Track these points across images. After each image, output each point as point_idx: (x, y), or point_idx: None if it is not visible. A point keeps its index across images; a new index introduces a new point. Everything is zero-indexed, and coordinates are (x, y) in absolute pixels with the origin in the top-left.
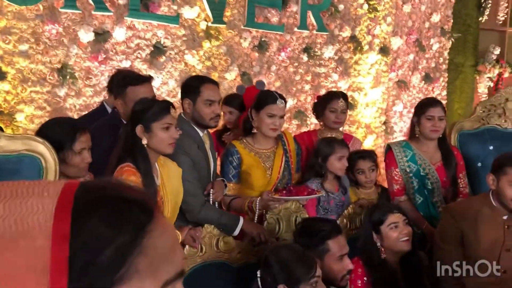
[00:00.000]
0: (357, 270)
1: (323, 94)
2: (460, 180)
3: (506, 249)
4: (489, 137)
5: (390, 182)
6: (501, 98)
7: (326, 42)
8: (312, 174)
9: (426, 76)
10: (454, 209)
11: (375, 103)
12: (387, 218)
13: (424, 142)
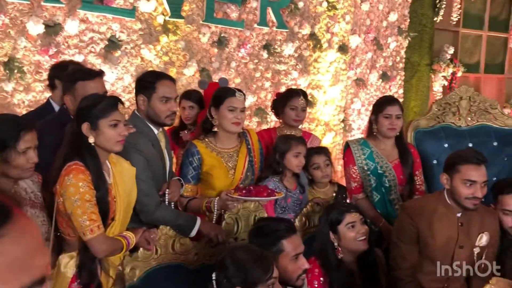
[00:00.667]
0: (313, 270)
1: (283, 92)
2: (417, 177)
3: (460, 246)
4: (444, 135)
5: (348, 180)
6: (456, 97)
7: (286, 39)
8: (270, 172)
9: (383, 75)
10: (410, 207)
11: (334, 101)
12: (344, 218)
13: (382, 140)
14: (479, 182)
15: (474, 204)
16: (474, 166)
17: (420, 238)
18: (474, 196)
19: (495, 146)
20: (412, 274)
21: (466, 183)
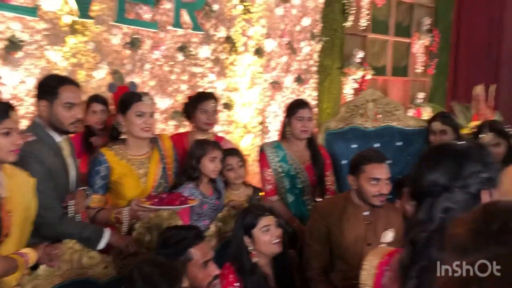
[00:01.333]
0: (228, 276)
1: (193, 95)
2: (327, 178)
3: (368, 243)
4: (353, 136)
5: (263, 182)
6: (362, 100)
7: (201, 42)
8: (185, 178)
9: (298, 78)
10: (321, 208)
11: (251, 103)
12: (259, 222)
13: (295, 142)
14: (383, 179)
15: (381, 200)
16: (377, 165)
17: (331, 238)
18: (380, 193)
19: (399, 145)
20: (324, 274)
21: (372, 181)
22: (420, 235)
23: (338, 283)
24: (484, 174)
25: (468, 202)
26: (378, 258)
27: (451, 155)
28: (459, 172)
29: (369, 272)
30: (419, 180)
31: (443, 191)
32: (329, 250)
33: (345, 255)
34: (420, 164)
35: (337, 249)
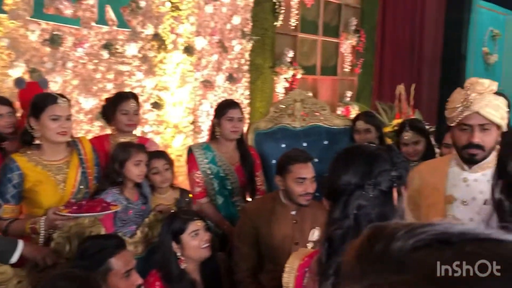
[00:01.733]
0: (154, 284)
1: (112, 96)
2: (257, 178)
3: (295, 242)
4: (281, 136)
5: (192, 185)
6: (290, 100)
7: (128, 39)
8: (109, 183)
9: (229, 76)
10: (249, 209)
11: (182, 102)
12: (187, 227)
13: (224, 143)
14: (309, 178)
15: (307, 199)
16: (303, 164)
17: (260, 239)
18: (306, 192)
19: (325, 144)
20: (253, 275)
21: (298, 181)
22: (335, 232)
23: (267, 284)
24: (393, 173)
25: (380, 199)
26: (299, 260)
27: (362, 156)
28: (370, 171)
29: (290, 274)
30: (333, 180)
31: (356, 189)
32: (258, 251)
33: (274, 255)
34: (334, 165)
35: (266, 250)
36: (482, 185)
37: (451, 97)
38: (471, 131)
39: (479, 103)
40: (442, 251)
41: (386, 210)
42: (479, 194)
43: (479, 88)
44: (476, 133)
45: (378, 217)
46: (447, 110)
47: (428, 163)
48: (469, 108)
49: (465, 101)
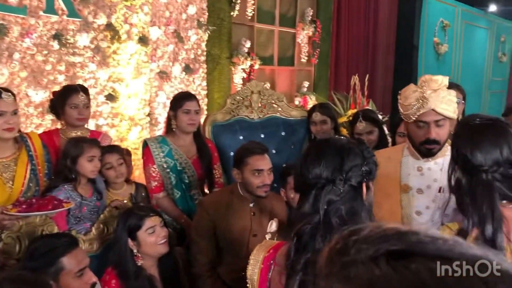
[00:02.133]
0: (110, 282)
1: (59, 90)
2: (215, 171)
3: (253, 234)
4: (239, 128)
5: (148, 179)
6: (247, 91)
7: (79, 29)
8: (61, 180)
9: (186, 67)
10: (206, 203)
11: (137, 94)
12: (144, 223)
13: (181, 136)
14: (266, 169)
15: (265, 191)
16: (259, 156)
17: (218, 232)
18: (264, 183)
19: (283, 135)
20: (212, 269)
21: (255, 173)
22: (305, 227)
23: (225, 277)
24: (363, 168)
25: (350, 194)
26: (263, 252)
27: (334, 150)
28: (341, 165)
29: (254, 267)
30: (304, 173)
31: (327, 184)
32: (216, 244)
33: (232, 248)
34: (305, 158)
35: (224, 243)
36: (436, 173)
37: (404, 93)
38: (427, 127)
39: (434, 100)
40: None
41: (356, 205)
42: (434, 182)
43: (434, 85)
44: (432, 129)
45: (347, 213)
46: (401, 106)
47: (382, 152)
48: (425, 105)
49: (421, 99)
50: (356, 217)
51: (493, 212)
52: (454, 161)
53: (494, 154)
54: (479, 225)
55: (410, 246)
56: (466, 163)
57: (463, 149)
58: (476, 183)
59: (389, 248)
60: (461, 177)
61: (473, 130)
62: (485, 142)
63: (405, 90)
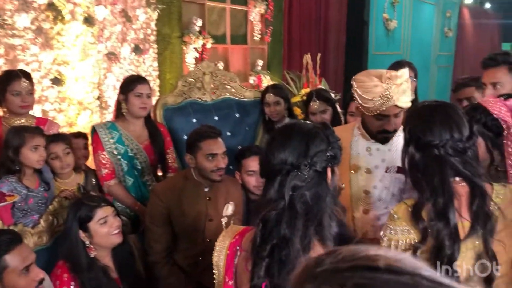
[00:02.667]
0: (62, 276)
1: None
2: (168, 155)
3: (209, 219)
4: (192, 110)
5: (98, 166)
6: (199, 73)
7: (18, 9)
8: (4, 172)
9: (136, 48)
10: (159, 189)
11: (85, 77)
12: (95, 214)
13: (131, 121)
14: (220, 153)
15: (219, 175)
16: (212, 140)
17: (172, 218)
18: (218, 167)
19: (237, 117)
20: (168, 255)
21: (209, 157)
22: (270, 213)
23: (182, 262)
24: (328, 153)
25: (314, 179)
26: (229, 238)
27: (299, 135)
28: (306, 151)
29: (220, 253)
30: (269, 159)
31: (292, 169)
32: (172, 231)
33: (188, 234)
34: (271, 144)
35: (180, 229)
36: (384, 154)
37: (363, 85)
38: (387, 120)
39: (397, 96)
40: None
41: (320, 190)
42: (381, 163)
43: (398, 81)
44: (392, 121)
45: (312, 198)
46: (360, 97)
47: None
48: (388, 102)
49: (385, 96)
50: (321, 202)
51: (444, 186)
52: (407, 142)
53: (444, 132)
54: (430, 198)
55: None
56: (418, 141)
57: (415, 129)
58: (428, 158)
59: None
60: (414, 154)
61: (424, 112)
62: (436, 121)
63: (364, 81)
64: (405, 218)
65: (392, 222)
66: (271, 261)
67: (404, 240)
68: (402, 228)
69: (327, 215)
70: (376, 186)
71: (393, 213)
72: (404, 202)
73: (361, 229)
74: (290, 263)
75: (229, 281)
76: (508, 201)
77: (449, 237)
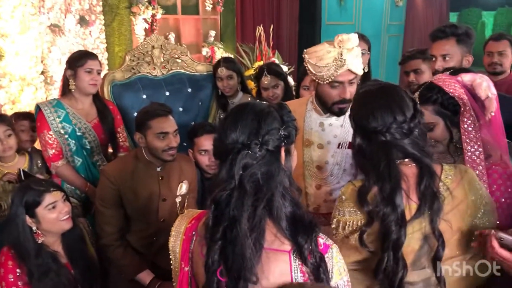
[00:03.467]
0: (6, 263)
1: None
2: (119, 134)
3: (163, 199)
4: (141, 86)
5: (44, 146)
6: (148, 46)
7: None
8: None
9: (81, 19)
10: (109, 171)
11: (27, 51)
12: (44, 199)
13: (80, 98)
14: (171, 132)
15: (171, 154)
16: (163, 119)
17: (124, 200)
18: (170, 146)
19: (189, 92)
20: (121, 237)
21: (159, 136)
22: (221, 194)
23: (136, 244)
24: (281, 132)
25: (266, 158)
26: (185, 223)
27: (252, 114)
28: (258, 129)
29: (176, 239)
30: (221, 138)
31: (242, 148)
32: (124, 212)
33: (141, 215)
34: (223, 123)
35: (132, 210)
36: (336, 130)
37: (317, 54)
38: (341, 87)
39: (351, 60)
40: None
41: (273, 170)
42: (334, 138)
43: (349, 45)
44: (347, 88)
45: (263, 177)
46: (313, 67)
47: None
48: (341, 66)
49: (339, 60)
50: (272, 181)
51: (390, 171)
52: (354, 131)
53: (386, 116)
54: (377, 183)
55: None
56: (363, 129)
57: (358, 117)
58: (375, 145)
59: None
60: (361, 142)
61: (364, 98)
62: (377, 107)
63: (317, 50)
64: (352, 199)
65: (340, 203)
66: (224, 243)
67: (351, 221)
68: (350, 209)
69: (279, 195)
70: (328, 162)
71: (341, 194)
72: (352, 183)
73: (313, 204)
74: (239, 244)
75: (185, 267)
76: (457, 182)
77: (395, 222)
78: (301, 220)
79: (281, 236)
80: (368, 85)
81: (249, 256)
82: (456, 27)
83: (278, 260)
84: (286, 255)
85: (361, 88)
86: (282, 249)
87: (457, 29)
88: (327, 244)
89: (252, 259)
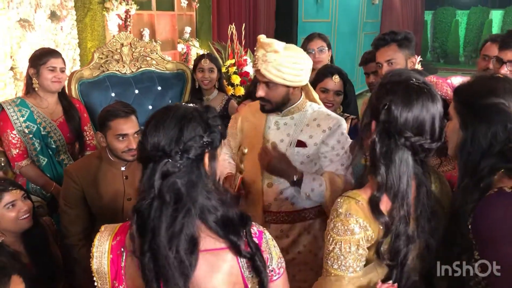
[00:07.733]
0: None
1: None
2: (86, 133)
3: (128, 198)
4: (110, 84)
5: (8, 147)
6: (117, 44)
7: None
8: None
9: (52, 14)
10: (72, 170)
11: None
12: (2, 198)
13: (44, 96)
14: (130, 134)
15: (132, 155)
16: (123, 120)
17: (88, 199)
18: (129, 148)
19: (159, 90)
20: (86, 237)
21: (119, 137)
22: (141, 203)
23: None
24: (205, 138)
25: (188, 166)
26: (107, 241)
27: (174, 118)
28: (180, 136)
29: (101, 259)
30: (143, 143)
31: (163, 156)
32: (88, 211)
33: (106, 214)
34: (146, 126)
35: (97, 210)
36: (290, 128)
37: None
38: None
39: (261, 62)
40: None
41: (194, 178)
42: (286, 137)
43: (266, 48)
44: (261, 87)
45: (185, 186)
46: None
47: (254, 104)
48: (255, 65)
49: (255, 57)
50: (193, 190)
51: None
52: (371, 115)
53: (421, 128)
54: (394, 200)
55: None
56: (391, 122)
57: (394, 108)
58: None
59: None
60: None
61: (409, 91)
62: (417, 106)
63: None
64: (362, 214)
65: (342, 222)
66: (154, 255)
67: (361, 237)
68: (359, 225)
69: (203, 200)
70: None
71: (342, 212)
72: (347, 198)
73: (265, 201)
74: (161, 256)
75: (119, 285)
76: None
77: (406, 241)
78: (231, 219)
79: (216, 236)
80: (413, 77)
81: (176, 265)
82: (395, 33)
83: (223, 259)
84: (228, 251)
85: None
86: (221, 247)
87: (396, 35)
88: (260, 230)
89: (185, 268)
